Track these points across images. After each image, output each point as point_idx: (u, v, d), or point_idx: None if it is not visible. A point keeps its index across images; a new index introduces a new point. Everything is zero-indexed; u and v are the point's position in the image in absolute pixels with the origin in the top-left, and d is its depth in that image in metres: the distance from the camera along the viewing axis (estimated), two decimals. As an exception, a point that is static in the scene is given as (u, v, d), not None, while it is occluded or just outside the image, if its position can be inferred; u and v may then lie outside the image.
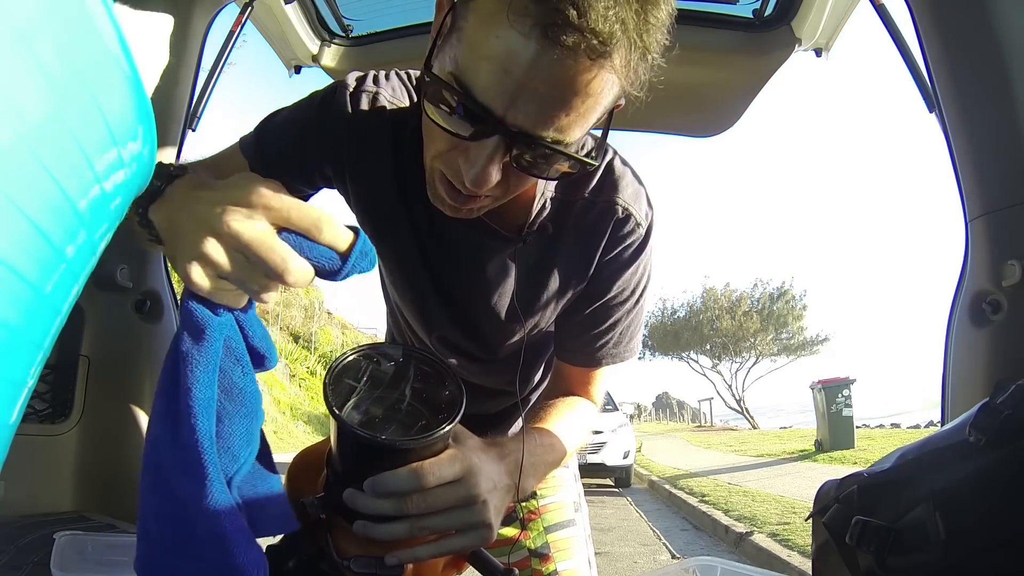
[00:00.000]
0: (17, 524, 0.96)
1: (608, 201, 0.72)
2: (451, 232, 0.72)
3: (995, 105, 0.94)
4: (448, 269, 0.77)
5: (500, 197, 0.60)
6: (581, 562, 0.95)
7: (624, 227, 0.72)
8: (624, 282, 0.75)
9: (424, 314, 0.83)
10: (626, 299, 0.77)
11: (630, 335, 0.80)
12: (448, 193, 0.58)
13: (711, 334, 23.98)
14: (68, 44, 0.26)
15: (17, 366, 0.28)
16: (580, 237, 0.73)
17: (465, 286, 0.77)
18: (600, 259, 0.74)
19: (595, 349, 0.78)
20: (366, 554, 0.50)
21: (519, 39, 0.46)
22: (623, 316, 0.77)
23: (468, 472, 0.51)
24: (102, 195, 0.32)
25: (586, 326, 0.77)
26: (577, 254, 0.74)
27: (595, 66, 0.47)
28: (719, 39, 1.37)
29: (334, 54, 1.53)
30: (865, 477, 0.62)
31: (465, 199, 0.58)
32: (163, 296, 1.31)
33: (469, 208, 0.60)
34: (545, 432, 0.69)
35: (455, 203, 0.59)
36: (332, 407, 0.46)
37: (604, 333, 0.77)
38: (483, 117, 0.49)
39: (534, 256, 0.74)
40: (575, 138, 0.52)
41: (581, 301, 0.77)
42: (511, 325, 0.79)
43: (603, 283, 0.75)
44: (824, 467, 7.35)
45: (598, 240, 0.72)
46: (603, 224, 0.72)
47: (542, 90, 0.48)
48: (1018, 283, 0.90)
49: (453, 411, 0.50)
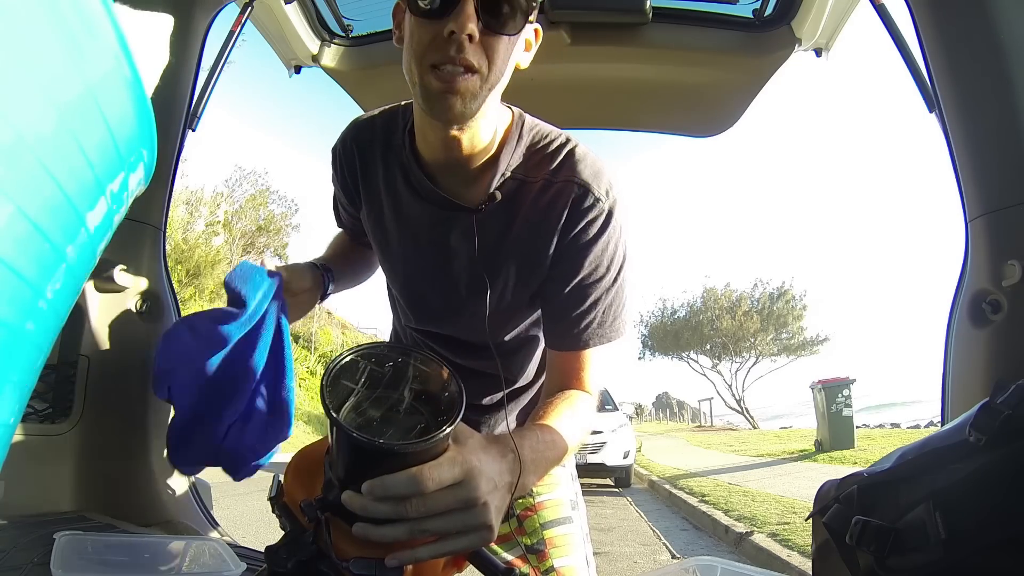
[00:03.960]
0: (17, 524, 0.95)
1: (566, 180, 0.78)
2: (421, 213, 0.83)
3: (995, 105, 0.94)
4: (423, 249, 0.86)
5: (484, 74, 0.70)
6: (578, 559, 0.95)
7: (583, 203, 0.77)
8: (595, 259, 0.79)
9: (409, 295, 0.93)
10: (601, 276, 0.80)
11: (613, 314, 0.82)
12: (440, 80, 0.68)
13: (711, 334, 23.98)
14: (69, 46, 0.26)
15: (17, 366, 0.28)
16: (538, 214, 0.79)
17: (434, 262, 0.86)
18: (562, 236, 0.78)
19: (580, 331, 0.80)
20: (365, 555, 0.49)
21: None
22: (603, 295, 0.80)
23: (468, 475, 0.51)
24: (102, 196, 0.32)
25: (567, 307, 0.80)
26: (536, 230, 0.79)
27: None
28: (719, 39, 1.37)
29: (334, 54, 1.54)
30: (865, 477, 0.62)
31: (455, 78, 0.68)
32: (163, 296, 1.31)
33: (462, 91, 0.69)
34: (546, 428, 0.70)
35: (448, 87, 0.68)
36: (329, 410, 0.46)
37: (586, 313, 0.80)
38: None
39: (495, 231, 0.81)
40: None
41: (556, 282, 0.80)
42: (473, 298, 0.84)
43: (572, 261, 0.79)
44: (824, 467, 7.34)
45: (556, 215, 0.78)
46: (561, 200, 0.78)
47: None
48: (1018, 283, 0.90)
49: (453, 413, 0.50)
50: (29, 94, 0.24)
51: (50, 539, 0.76)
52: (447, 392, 0.52)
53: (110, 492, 1.21)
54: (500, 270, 0.82)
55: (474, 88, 0.69)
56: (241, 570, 0.77)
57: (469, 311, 0.86)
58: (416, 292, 0.92)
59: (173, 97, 1.27)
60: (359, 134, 0.89)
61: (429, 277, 0.88)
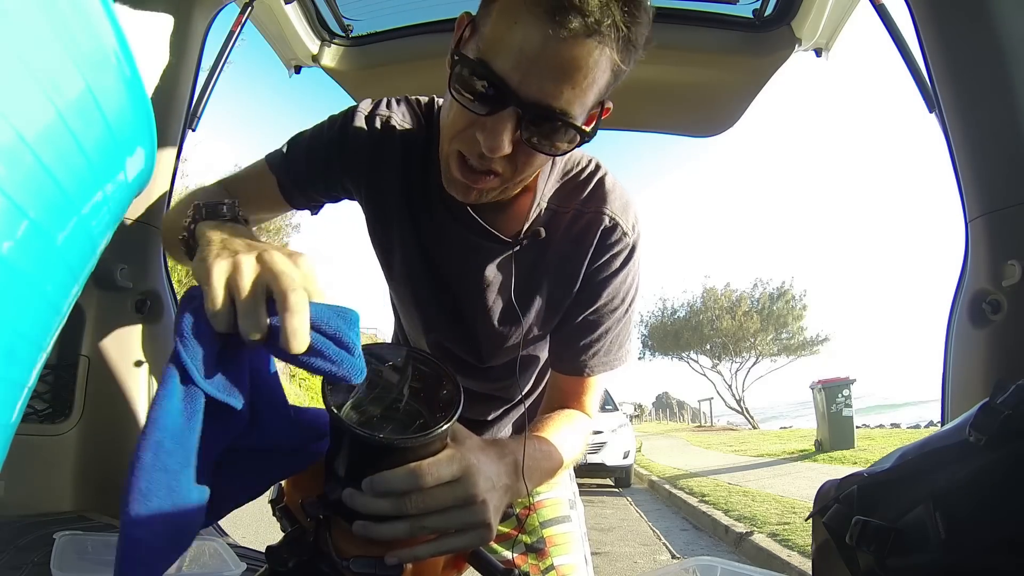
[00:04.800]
0: (17, 524, 0.96)
1: (597, 211, 0.77)
2: (452, 236, 0.78)
3: (995, 105, 0.94)
4: (448, 271, 0.81)
5: (508, 179, 0.67)
6: (577, 558, 0.96)
7: (611, 236, 0.77)
8: (613, 291, 0.79)
9: (424, 317, 0.87)
10: (615, 308, 0.80)
11: (619, 343, 0.83)
12: (462, 171, 0.66)
13: (711, 334, 23.98)
14: (69, 45, 0.26)
15: (17, 366, 0.28)
16: (570, 244, 0.78)
17: (463, 288, 0.81)
18: (588, 267, 0.78)
19: (587, 358, 0.81)
20: (366, 554, 0.50)
21: (533, 22, 0.56)
22: (613, 325, 0.81)
23: (467, 472, 0.51)
24: (102, 195, 0.32)
25: (577, 335, 0.81)
26: (567, 260, 0.78)
27: (594, 46, 0.57)
28: (719, 39, 1.37)
29: (334, 54, 1.54)
30: (865, 477, 0.62)
31: (477, 177, 0.65)
32: (163, 296, 1.31)
33: (480, 188, 0.67)
34: (543, 440, 0.70)
35: (468, 181, 0.66)
36: (330, 407, 0.46)
37: (595, 342, 0.80)
38: (500, 89, 0.58)
39: (528, 261, 0.79)
40: (576, 113, 0.61)
41: (573, 309, 0.80)
42: (505, 328, 0.82)
43: (593, 291, 0.79)
44: (824, 467, 7.34)
45: (586, 247, 0.77)
46: (591, 232, 0.77)
47: (551, 65, 0.57)
48: (1018, 283, 0.90)
49: (451, 410, 0.50)
50: (28, 93, 0.24)
51: (50, 539, 0.76)
52: (445, 390, 0.52)
53: (110, 492, 1.21)
54: (533, 300, 0.80)
55: (496, 186, 0.68)
56: (241, 570, 0.77)
57: (493, 342, 0.85)
58: (431, 314, 0.86)
59: (173, 97, 1.27)
60: (379, 133, 0.79)
61: (458, 304, 0.83)
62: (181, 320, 0.43)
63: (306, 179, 0.82)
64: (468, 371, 0.90)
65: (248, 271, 0.44)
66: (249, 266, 0.45)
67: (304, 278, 0.45)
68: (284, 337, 0.42)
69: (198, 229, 0.55)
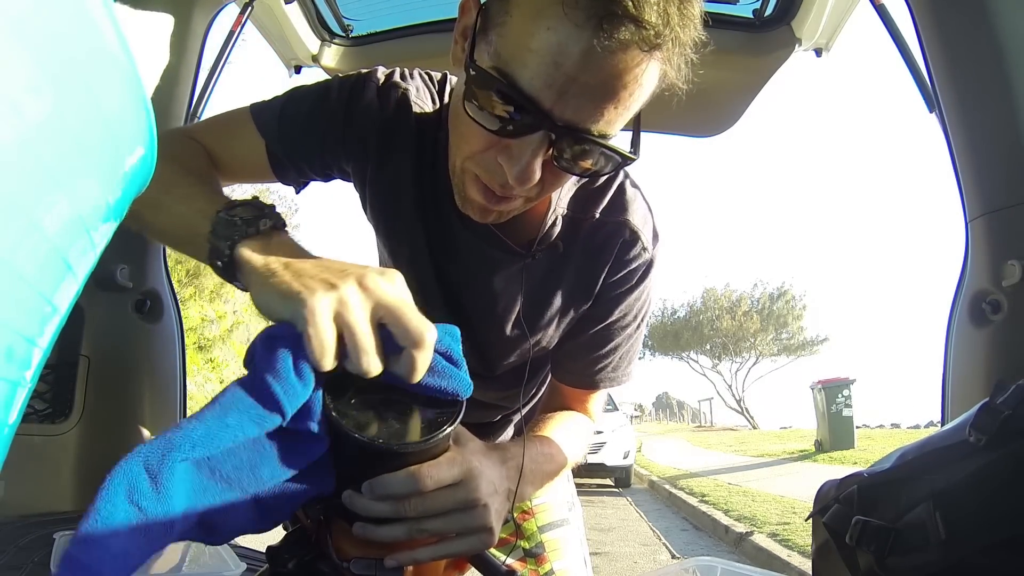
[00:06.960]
0: (17, 524, 0.95)
1: (618, 221, 0.71)
2: (463, 242, 0.71)
3: (995, 105, 0.94)
4: (457, 278, 0.75)
5: (533, 198, 0.59)
6: (576, 561, 0.95)
7: (631, 250, 0.72)
8: (627, 306, 0.75)
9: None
10: (627, 324, 0.76)
11: (628, 360, 0.80)
12: (482, 195, 0.57)
13: (711, 334, 23.98)
14: (68, 44, 0.26)
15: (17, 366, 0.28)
16: (587, 255, 0.72)
17: (473, 296, 0.76)
18: (605, 280, 0.73)
19: (593, 372, 0.78)
20: (366, 556, 0.49)
21: (572, 31, 0.45)
22: (623, 341, 0.77)
23: (468, 475, 0.50)
24: (102, 195, 0.32)
25: (587, 348, 0.77)
26: (583, 273, 0.73)
27: (645, 58, 0.48)
28: (719, 39, 1.36)
29: (334, 54, 1.54)
30: (865, 477, 0.62)
31: (498, 200, 0.57)
32: (163, 296, 1.31)
33: (499, 211, 0.59)
34: (546, 441, 0.69)
35: (488, 204, 0.58)
36: (329, 410, 0.46)
37: (604, 357, 0.77)
38: (529, 110, 0.48)
39: (541, 272, 0.73)
40: (616, 132, 0.52)
41: (584, 323, 0.76)
42: (514, 339, 0.78)
43: (606, 306, 0.74)
44: (824, 467, 7.34)
45: (605, 259, 0.72)
46: (611, 244, 0.71)
47: (593, 82, 0.47)
48: (1018, 283, 0.90)
49: (452, 414, 0.49)
50: (27, 93, 0.24)
51: (50, 539, 0.76)
52: None
53: (110, 492, 1.21)
54: (545, 312, 0.75)
55: (519, 207, 0.60)
56: (241, 570, 0.77)
57: (500, 352, 0.80)
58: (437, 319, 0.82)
59: (173, 97, 1.27)
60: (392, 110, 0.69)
61: (466, 312, 0.77)
62: (275, 357, 0.40)
63: (299, 152, 0.69)
64: (474, 379, 0.87)
65: (358, 306, 0.41)
66: (356, 300, 0.42)
67: (407, 303, 0.43)
68: (409, 369, 0.41)
69: (242, 254, 0.47)
